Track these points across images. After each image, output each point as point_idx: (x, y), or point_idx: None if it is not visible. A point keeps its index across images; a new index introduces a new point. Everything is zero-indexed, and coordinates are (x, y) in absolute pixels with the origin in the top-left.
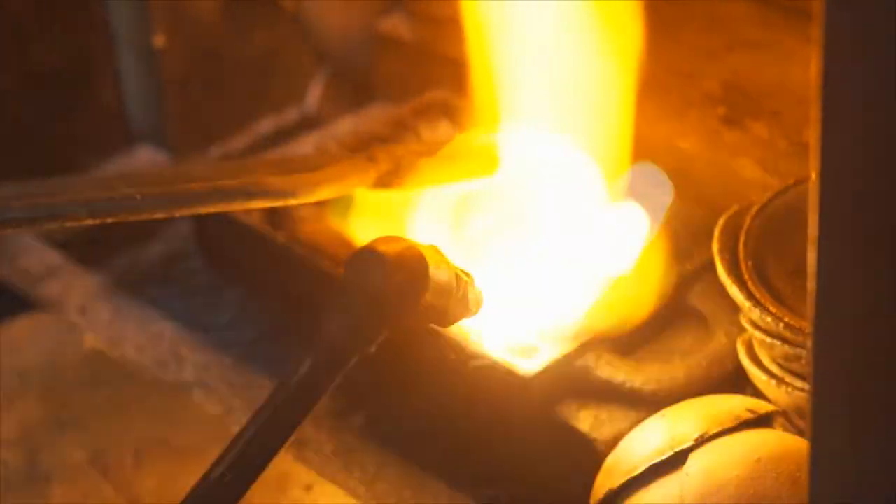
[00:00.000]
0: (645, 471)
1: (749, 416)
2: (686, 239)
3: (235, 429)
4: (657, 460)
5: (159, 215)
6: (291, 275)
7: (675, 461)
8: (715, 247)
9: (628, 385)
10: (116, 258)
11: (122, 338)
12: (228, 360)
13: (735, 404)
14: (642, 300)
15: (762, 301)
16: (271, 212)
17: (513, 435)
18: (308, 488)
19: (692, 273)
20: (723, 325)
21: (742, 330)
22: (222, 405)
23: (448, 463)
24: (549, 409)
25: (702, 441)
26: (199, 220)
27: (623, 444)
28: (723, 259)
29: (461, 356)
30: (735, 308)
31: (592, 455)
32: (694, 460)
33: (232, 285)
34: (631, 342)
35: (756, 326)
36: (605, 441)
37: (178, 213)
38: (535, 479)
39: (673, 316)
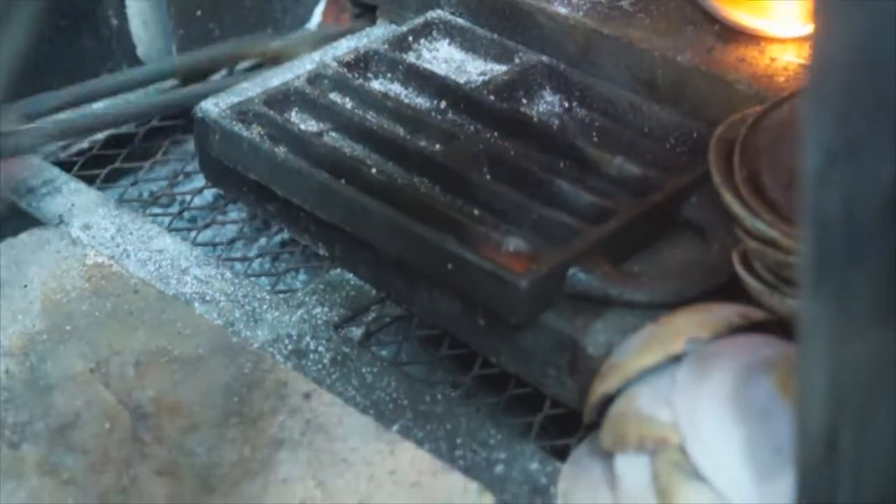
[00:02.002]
0: (638, 375)
1: (742, 322)
2: (682, 152)
3: (235, 340)
4: (649, 364)
5: None
6: (292, 189)
7: (668, 366)
8: (710, 157)
9: (623, 294)
10: (121, 176)
11: (124, 253)
12: (230, 274)
13: (728, 312)
14: None
15: (755, 209)
16: (272, 127)
17: (510, 343)
18: (306, 397)
19: (688, 185)
20: (718, 237)
21: (737, 241)
22: (222, 317)
23: (446, 372)
24: (544, 318)
25: (694, 346)
26: (202, 136)
27: (617, 351)
28: (718, 169)
29: (459, 266)
30: (730, 220)
31: (587, 362)
32: (686, 366)
33: (234, 203)
34: (626, 252)
35: (750, 235)
36: (600, 348)
37: None
38: (532, 386)
39: (669, 227)
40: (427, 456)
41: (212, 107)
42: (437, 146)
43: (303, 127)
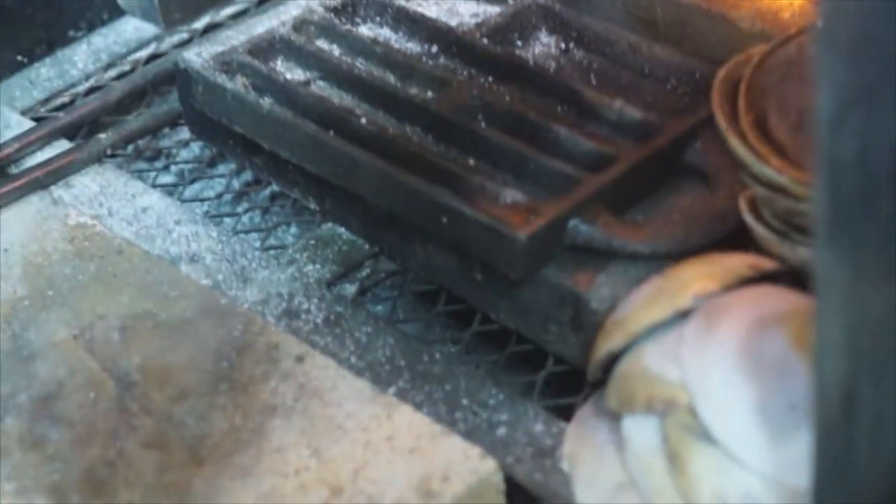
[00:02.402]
0: (644, 332)
1: (752, 273)
2: (684, 93)
3: (224, 301)
4: (656, 319)
5: None
6: (279, 142)
7: (676, 321)
8: (714, 99)
9: (626, 246)
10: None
11: (108, 212)
12: (217, 231)
13: (737, 262)
14: None
15: (764, 154)
16: (257, 77)
17: (509, 299)
18: (299, 360)
19: (691, 129)
20: (724, 183)
21: (744, 187)
22: (210, 277)
23: (444, 328)
24: (544, 272)
25: (702, 300)
26: (185, 88)
27: (622, 306)
28: (722, 112)
29: (454, 219)
30: (736, 165)
31: (591, 317)
32: (694, 321)
33: (222, 156)
34: (628, 201)
35: (758, 181)
36: (604, 302)
37: None
38: (533, 343)
39: (672, 174)
40: (426, 419)
41: (194, 57)
42: (429, 93)
43: (289, 76)
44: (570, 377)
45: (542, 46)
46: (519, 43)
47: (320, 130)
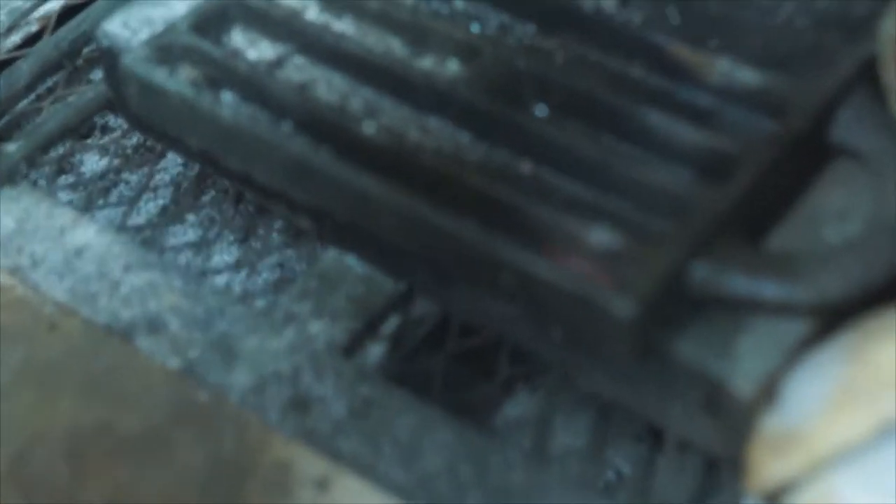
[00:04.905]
0: (837, 453)
1: None
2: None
3: (204, 395)
4: (854, 437)
5: None
6: (252, 163)
7: (886, 442)
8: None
9: (780, 294)
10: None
11: (30, 261)
12: (180, 279)
13: None
14: None
15: None
16: (210, 65)
17: (607, 369)
18: (321, 485)
19: (836, 89)
20: (891, 173)
21: None
22: (179, 354)
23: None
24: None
25: None
26: (113, 77)
27: (790, 402)
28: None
29: (518, 278)
30: None
31: (734, 403)
32: None
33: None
34: (764, 220)
35: None
36: (751, 385)
37: None
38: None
39: (811, 160)
40: None
41: (119, 30)
42: (454, 66)
43: (253, 56)
44: None
45: None
46: None
47: (309, 148)
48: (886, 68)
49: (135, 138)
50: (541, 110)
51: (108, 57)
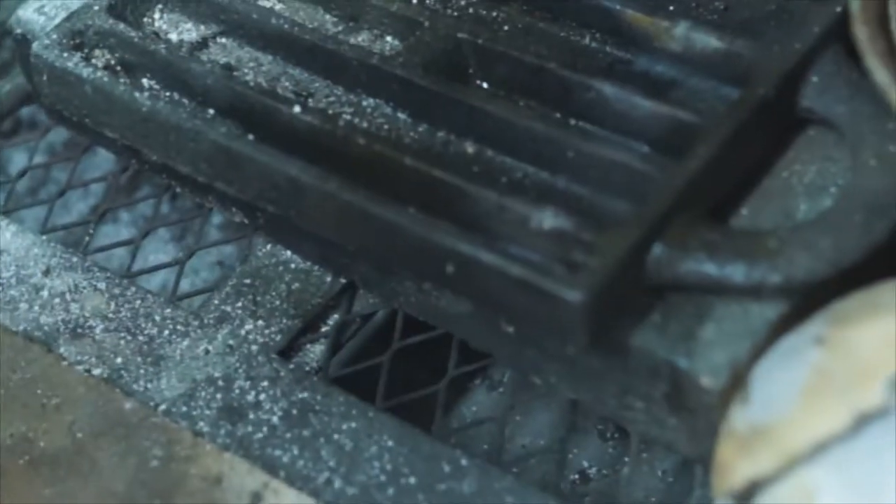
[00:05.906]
0: (811, 452)
1: None
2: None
3: (130, 405)
4: (829, 433)
5: None
6: (173, 153)
7: (863, 435)
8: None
9: (749, 276)
10: None
11: None
12: (104, 280)
13: None
14: None
15: None
16: (127, 49)
17: (562, 362)
18: (256, 497)
19: (804, 52)
20: (869, 141)
21: None
22: (105, 362)
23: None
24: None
25: None
26: (27, 67)
27: (759, 394)
28: (866, 23)
29: (467, 268)
30: (886, 110)
31: (699, 395)
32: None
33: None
34: (731, 196)
35: None
36: (718, 375)
37: None
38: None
39: (782, 130)
40: None
41: (34, 16)
42: (390, 41)
43: (175, 37)
44: None
45: None
46: None
47: (235, 135)
48: (859, 26)
49: (65, 134)
50: (481, 79)
51: (23, 46)
